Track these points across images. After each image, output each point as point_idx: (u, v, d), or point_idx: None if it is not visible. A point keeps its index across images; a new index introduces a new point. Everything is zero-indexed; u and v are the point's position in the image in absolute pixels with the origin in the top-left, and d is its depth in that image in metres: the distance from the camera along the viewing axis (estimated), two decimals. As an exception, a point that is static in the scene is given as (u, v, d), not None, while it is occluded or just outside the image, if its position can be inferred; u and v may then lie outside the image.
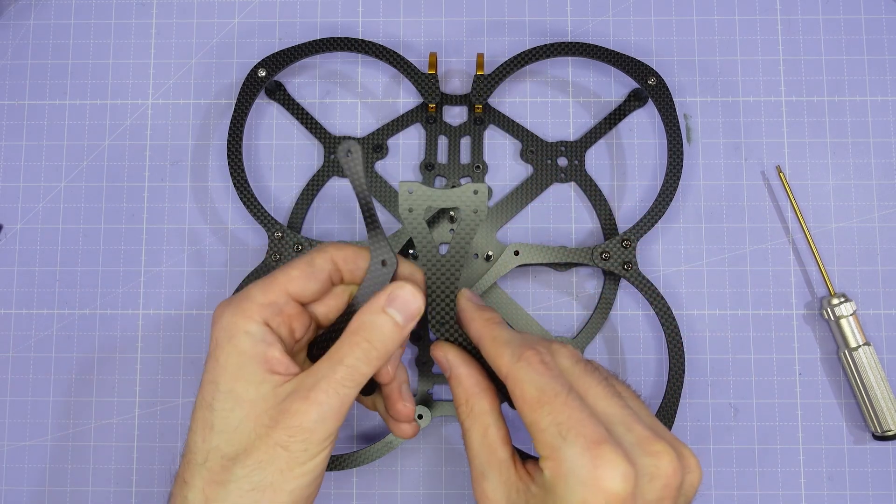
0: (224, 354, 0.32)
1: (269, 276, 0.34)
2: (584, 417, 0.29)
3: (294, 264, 0.34)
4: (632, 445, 0.29)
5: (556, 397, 0.30)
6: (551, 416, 0.29)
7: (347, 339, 0.32)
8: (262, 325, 0.32)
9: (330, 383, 0.31)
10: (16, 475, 0.44)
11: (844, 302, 0.42)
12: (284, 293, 0.33)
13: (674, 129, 0.43)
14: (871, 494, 0.43)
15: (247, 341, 0.32)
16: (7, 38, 0.47)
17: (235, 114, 0.44)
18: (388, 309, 0.32)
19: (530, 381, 0.30)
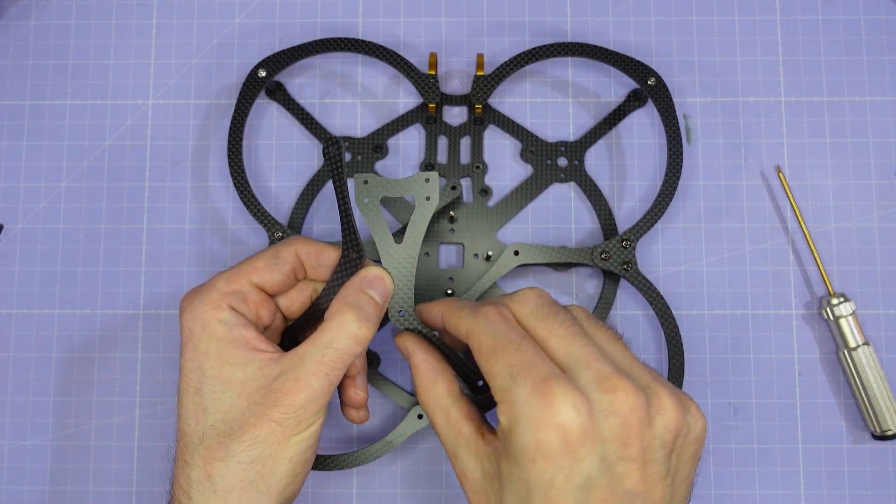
0: (202, 342, 0.33)
1: (234, 266, 0.35)
2: (536, 359, 0.29)
3: (260, 255, 0.35)
4: (587, 383, 0.29)
5: (508, 344, 0.30)
6: (503, 360, 0.29)
7: (334, 319, 0.33)
8: (230, 310, 0.33)
9: (320, 366, 0.32)
10: (16, 475, 0.44)
11: (844, 302, 0.42)
12: (249, 282, 0.34)
13: (673, 130, 0.43)
14: (870, 494, 0.43)
15: (221, 328, 0.33)
16: (8, 39, 0.47)
17: (236, 114, 0.44)
18: (367, 289, 0.34)
19: (486, 332, 0.31)
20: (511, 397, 0.28)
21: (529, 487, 0.28)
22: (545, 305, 0.32)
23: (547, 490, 0.28)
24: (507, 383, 0.29)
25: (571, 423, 0.27)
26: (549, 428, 0.27)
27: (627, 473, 0.28)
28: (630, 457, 0.28)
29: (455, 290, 0.44)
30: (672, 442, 0.29)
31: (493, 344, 0.30)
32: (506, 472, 0.29)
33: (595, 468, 0.28)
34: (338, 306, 0.33)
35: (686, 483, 0.30)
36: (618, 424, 0.28)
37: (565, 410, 0.27)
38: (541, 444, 0.27)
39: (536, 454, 0.28)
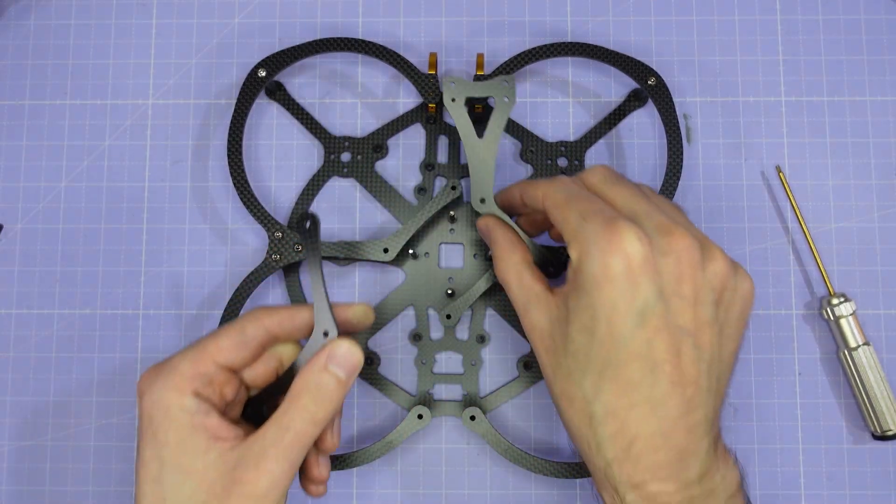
0: (162, 430, 0.32)
1: (198, 345, 0.34)
2: (604, 207, 0.33)
3: (224, 333, 0.34)
4: (649, 228, 0.32)
5: (579, 196, 0.34)
6: (575, 207, 0.33)
7: (292, 402, 0.33)
8: (194, 396, 0.32)
9: (279, 450, 0.32)
10: (16, 475, 0.44)
11: (844, 302, 0.42)
12: (213, 363, 0.33)
13: (674, 130, 0.43)
14: (870, 494, 0.43)
15: (183, 415, 0.32)
16: (7, 39, 0.47)
17: (235, 114, 0.44)
18: (330, 366, 0.33)
19: (560, 190, 0.34)
20: (582, 234, 0.32)
21: (594, 313, 0.31)
22: (613, 175, 0.36)
23: (610, 313, 0.31)
24: (578, 224, 0.32)
25: (635, 252, 0.31)
26: (615, 254, 0.31)
27: (680, 310, 0.31)
28: (683, 294, 0.31)
29: (455, 290, 0.44)
30: (721, 291, 0.33)
31: (566, 197, 0.34)
32: (573, 306, 0.32)
33: (652, 298, 0.31)
34: (298, 386, 0.33)
35: (733, 342, 0.33)
36: (673, 262, 0.31)
37: (630, 240, 0.31)
38: (607, 269, 0.31)
39: (603, 279, 0.31)
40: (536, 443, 0.44)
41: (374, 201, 0.46)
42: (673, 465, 0.31)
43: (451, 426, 0.44)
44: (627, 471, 0.32)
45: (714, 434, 0.33)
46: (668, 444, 0.31)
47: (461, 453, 0.44)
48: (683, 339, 0.31)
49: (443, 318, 0.42)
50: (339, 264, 0.45)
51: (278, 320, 0.35)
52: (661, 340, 0.31)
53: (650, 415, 0.31)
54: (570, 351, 0.33)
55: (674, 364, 0.31)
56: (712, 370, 0.32)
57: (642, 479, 0.31)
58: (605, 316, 0.31)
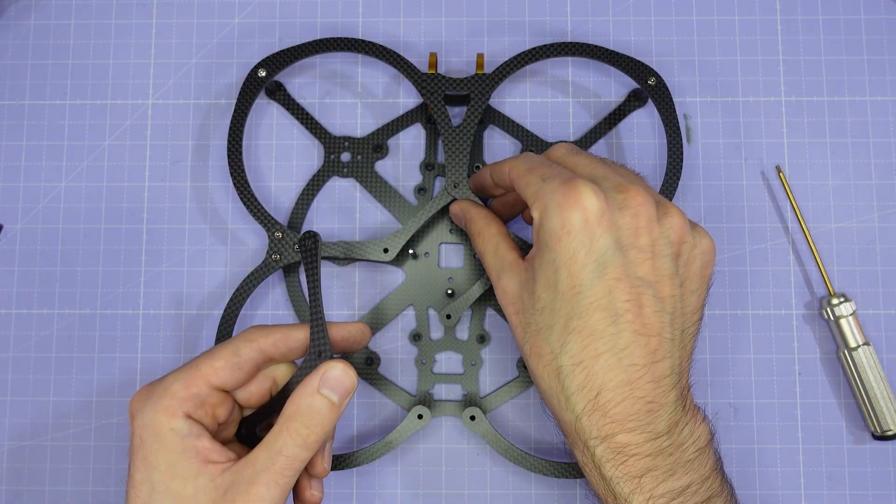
0: (153, 454, 0.32)
1: (191, 366, 0.34)
2: (564, 170, 0.35)
3: (218, 354, 0.34)
4: (606, 187, 0.34)
5: (542, 164, 0.36)
6: (537, 172, 0.35)
7: (284, 426, 0.32)
8: (186, 419, 0.32)
9: (270, 475, 0.31)
10: (16, 475, 0.44)
11: (844, 302, 0.42)
12: (207, 385, 0.33)
13: (674, 130, 0.43)
14: (870, 494, 0.43)
15: (174, 438, 0.32)
16: (7, 39, 0.47)
17: (235, 114, 0.44)
18: (323, 390, 0.33)
19: (524, 161, 0.36)
20: (541, 194, 0.34)
21: (556, 267, 0.33)
22: (575, 148, 0.38)
23: (570, 264, 0.32)
24: (538, 185, 0.34)
25: (591, 205, 0.32)
26: (572, 209, 0.32)
27: (639, 261, 0.33)
28: (640, 246, 0.33)
29: (455, 290, 0.44)
30: (678, 244, 0.34)
31: (530, 166, 0.36)
32: (537, 265, 0.34)
33: (610, 249, 0.32)
34: (290, 410, 0.33)
35: (696, 297, 0.35)
36: (630, 216, 0.33)
37: (586, 195, 0.32)
38: (565, 223, 0.32)
39: (562, 232, 0.32)
40: (536, 443, 0.44)
41: (374, 201, 0.45)
42: (641, 417, 0.32)
43: (451, 426, 0.44)
44: (596, 422, 0.32)
45: (682, 388, 0.34)
46: (635, 395, 0.32)
47: (461, 453, 0.44)
48: (643, 289, 0.33)
49: (443, 318, 0.42)
50: (339, 264, 0.45)
51: (273, 341, 0.35)
52: (621, 290, 0.32)
53: (615, 364, 0.32)
54: (538, 308, 0.34)
55: (635, 313, 0.32)
56: (675, 322, 0.33)
57: (611, 430, 0.32)
58: (566, 268, 0.32)
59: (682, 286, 0.34)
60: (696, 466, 0.33)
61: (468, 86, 0.43)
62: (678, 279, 0.34)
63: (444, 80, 0.43)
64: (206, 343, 0.44)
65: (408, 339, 0.44)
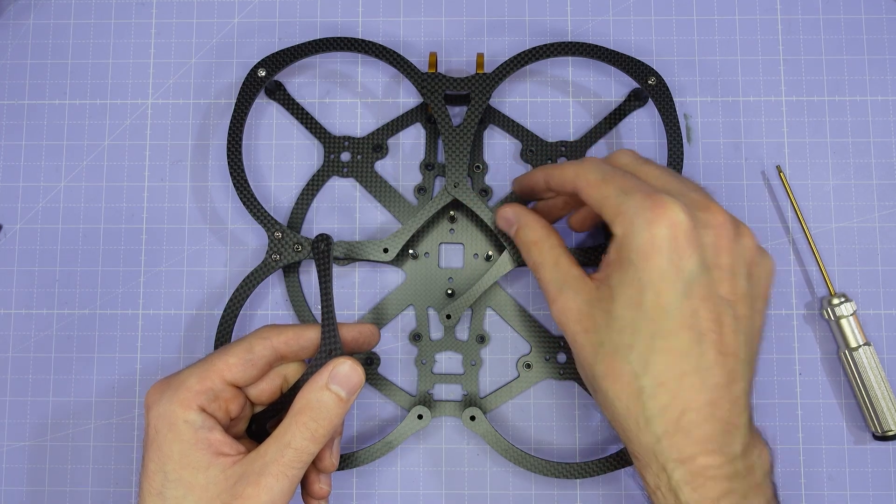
0: (167, 443, 0.33)
1: (206, 361, 0.35)
2: (641, 182, 0.34)
3: (232, 350, 0.35)
4: (687, 202, 0.33)
5: (615, 174, 0.34)
6: (614, 184, 0.33)
7: (293, 419, 0.33)
8: (200, 411, 0.33)
9: (279, 466, 0.32)
10: (16, 475, 0.44)
11: (845, 302, 0.42)
12: (221, 380, 0.34)
13: (674, 129, 0.43)
14: (871, 495, 0.43)
15: (188, 430, 0.33)
16: (6, 38, 0.47)
17: (235, 113, 0.43)
18: (332, 385, 0.34)
19: (593, 170, 0.35)
20: (625, 208, 0.32)
21: (642, 285, 0.32)
22: (641, 157, 0.37)
23: (658, 283, 0.31)
24: (620, 199, 0.33)
25: (680, 221, 0.31)
26: (661, 225, 0.31)
27: (720, 280, 0.32)
28: (721, 265, 0.32)
29: (455, 290, 0.44)
30: (751, 265, 0.34)
31: (602, 176, 0.34)
32: (617, 282, 0.32)
33: (696, 268, 0.32)
34: (300, 404, 0.34)
35: (761, 316, 0.35)
36: (713, 234, 0.32)
37: (675, 211, 0.31)
38: (654, 240, 0.31)
39: (651, 249, 0.31)
40: (536, 443, 0.44)
41: (374, 201, 0.45)
42: (720, 438, 0.32)
43: (451, 426, 0.44)
44: (678, 444, 0.32)
45: (751, 409, 0.33)
46: (716, 416, 0.32)
47: (461, 453, 0.43)
48: (724, 309, 0.32)
49: (443, 318, 0.42)
50: (339, 264, 0.45)
51: (285, 339, 0.36)
52: (705, 310, 0.32)
53: (700, 385, 0.32)
54: (616, 328, 0.32)
55: (718, 333, 0.32)
56: (748, 342, 0.33)
57: (692, 452, 0.31)
58: (652, 286, 0.31)
59: (752, 305, 0.34)
60: (763, 490, 0.33)
61: (468, 85, 0.43)
62: (750, 298, 0.34)
63: (444, 80, 0.43)
64: (206, 343, 0.44)
65: (408, 339, 0.44)
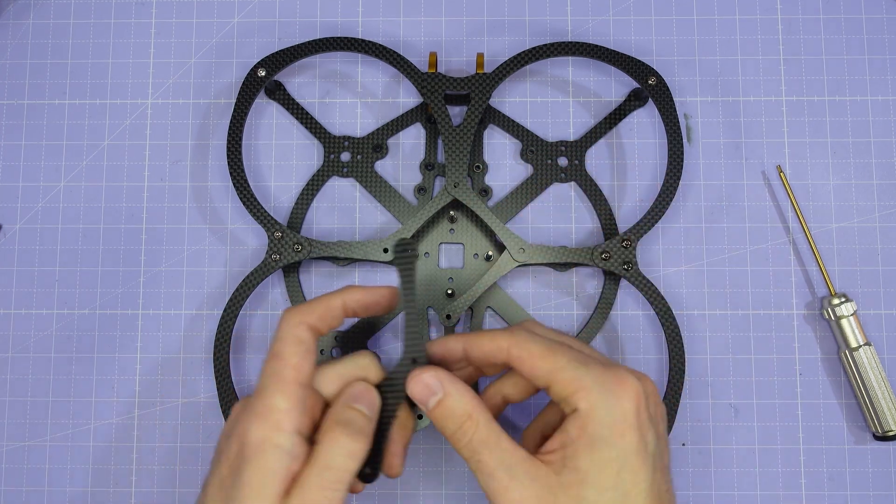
0: (248, 472, 0.31)
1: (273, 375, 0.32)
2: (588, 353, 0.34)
3: (286, 351, 0.33)
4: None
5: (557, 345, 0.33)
6: (564, 356, 0.32)
7: (328, 439, 0.32)
8: (294, 434, 0.31)
9: (323, 490, 0.31)
10: (16, 475, 0.44)
11: (845, 302, 0.42)
12: (298, 386, 0.32)
13: (674, 129, 0.43)
14: (871, 495, 0.43)
15: (274, 457, 0.31)
16: (6, 38, 0.47)
17: (235, 113, 0.43)
18: (353, 404, 0.33)
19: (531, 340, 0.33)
20: (587, 382, 0.31)
21: (619, 465, 0.30)
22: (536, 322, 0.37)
23: (633, 461, 0.30)
24: (578, 371, 0.31)
25: (639, 394, 0.31)
26: (627, 398, 0.31)
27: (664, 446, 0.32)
28: (660, 433, 0.32)
29: (455, 290, 0.44)
30: None
31: (546, 347, 0.32)
32: (587, 463, 0.30)
33: (654, 439, 0.31)
34: (329, 425, 0.32)
35: None
36: (655, 402, 0.33)
37: (633, 383, 0.31)
38: (626, 415, 0.31)
39: (624, 426, 0.30)
40: (536, 443, 0.43)
41: (373, 201, 0.45)
42: None
43: (451, 426, 0.44)
44: None
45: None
46: None
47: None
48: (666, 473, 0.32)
49: (443, 318, 0.42)
50: (339, 264, 0.45)
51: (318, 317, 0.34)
52: (664, 481, 0.32)
53: None
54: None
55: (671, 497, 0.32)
56: None
57: None
58: (629, 465, 0.30)
59: None
60: None
61: (468, 85, 0.43)
62: None
63: (444, 80, 0.43)
64: (206, 343, 0.44)
65: (408, 339, 0.44)
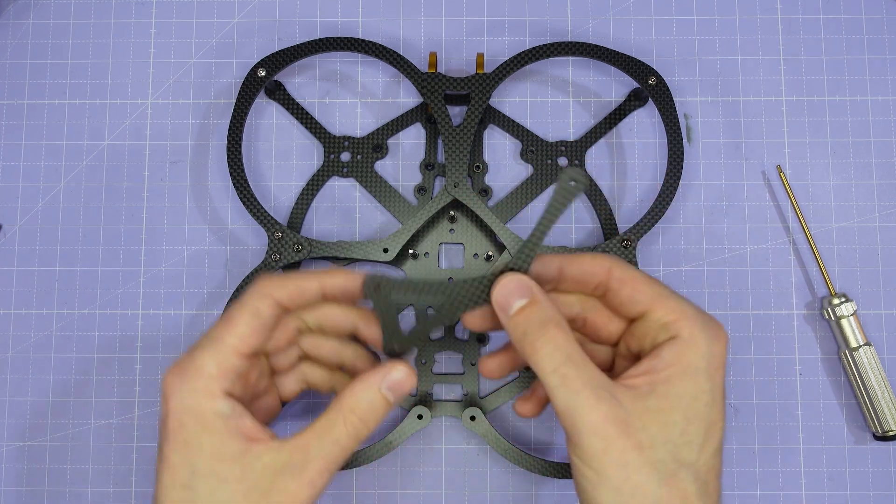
0: (195, 437, 0.31)
1: (216, 340, 0.32)
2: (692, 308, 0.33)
3: (239, 320, 0.32)
4: None
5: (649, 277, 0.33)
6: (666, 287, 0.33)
7: (343, 416, 0.32)
8: (226, 398, 0.31)
9: (325, 464, 0.31)
10: (16, 475, 0.44)
11: (845, 302, 0.42)
12: (238, 357, 0.32)
13: (674, 129, 0.43)
14: (871, 495, 0.43)
15: (217, 420, 0.31)
16: (6, 38, 0.47)
17: (235, 113, 0.43)
18: (384, 389, 0.33)
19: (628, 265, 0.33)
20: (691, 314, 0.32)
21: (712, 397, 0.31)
22: None
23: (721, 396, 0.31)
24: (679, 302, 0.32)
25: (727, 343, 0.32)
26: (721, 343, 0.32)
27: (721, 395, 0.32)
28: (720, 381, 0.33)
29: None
30: None
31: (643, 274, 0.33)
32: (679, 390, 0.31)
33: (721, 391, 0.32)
34: (350, 402, 0.32)
35: None
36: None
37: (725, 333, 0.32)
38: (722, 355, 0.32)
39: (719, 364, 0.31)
40: (536, 443, 0.43)
41: (374, 201, 0.45)
42: None
43: (451, 426, 0.44)
44: None
45: None
46: None
47: (461, 453, 0.43)
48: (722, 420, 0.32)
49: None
50: (340, 265, 0.45)
51: (288, 294, 0.33)
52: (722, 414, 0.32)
53: None
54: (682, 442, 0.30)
55: None
56: None
57: None
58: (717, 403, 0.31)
59: None
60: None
61: (468, 85, 0.43)
62: None
63: (444, 80, 0.43)
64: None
65: (408, 339, 0.44)
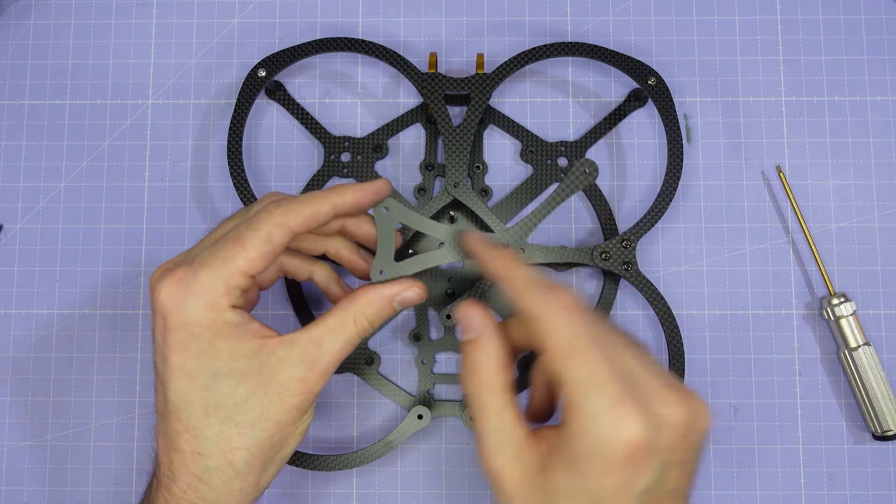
0: (211, 345, 0.33)
1: (225, 259, 0.33)
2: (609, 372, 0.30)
3: (250, 243, 0.33)
4: (649, 396, 0.30)
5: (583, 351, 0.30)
6: (578, 369, 0.30)
7: (353, 318, 0.35)
8: (233, 309, 0.33)
9: (336, 357, 0.34)
10: (16, 475, 0.44)
11: (844, 302, 0.42)
12: (245, 278, 0.33)
13: (674, 129, 0.43)
14: (871, 494, 0.43)
15: (230, 328, 0.33)
16: (7, 38, 0.47)
17: (235, 114, 0.44)
18: (395, 302, 0.36)
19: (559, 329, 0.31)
20: (585, 411, 0.29)
21: (594, 499, 0.29)
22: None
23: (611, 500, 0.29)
24: (580, 395, 0.29)
25: (640, 440, 0.29)
26: (620, 446, 0.29)
27: (672, 476, 0.30)
28: (676, 461, 0.30)
29: (455, 290, 0.44)
30: (702, 441, 0.31)
31: (570, 346, 0.30)
32: (562, 481, 0.30)
33: (653, 477, 0.29)
34: (364, 305, 0.35)
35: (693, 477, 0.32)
36: (673, 435, 0.30)
37: (635, 429, 0.29)
38: (611, 460, 0.29)
39: (607, 468, 0.29)
40: (536, 443, 0.43)
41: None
42: None
43: (451, 426, 0.44)
44: None
45: None
46: None
47: (461, 453, 0.43)
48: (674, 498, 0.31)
49: (443, 318, 0.42)
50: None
51: (304, 221, 0.34)
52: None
53: None
54: None
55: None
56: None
57: None
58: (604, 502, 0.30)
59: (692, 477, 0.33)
60: None
61: (468, 86, 0.43)
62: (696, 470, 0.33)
63: (444, 80, 0.43)
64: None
65: (408, 338, 0.44)
